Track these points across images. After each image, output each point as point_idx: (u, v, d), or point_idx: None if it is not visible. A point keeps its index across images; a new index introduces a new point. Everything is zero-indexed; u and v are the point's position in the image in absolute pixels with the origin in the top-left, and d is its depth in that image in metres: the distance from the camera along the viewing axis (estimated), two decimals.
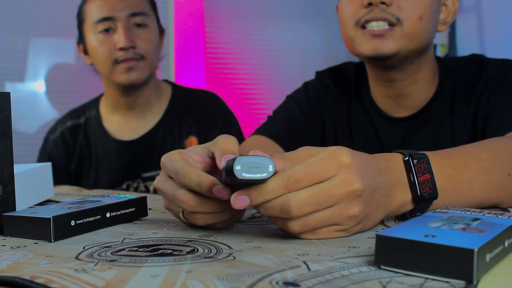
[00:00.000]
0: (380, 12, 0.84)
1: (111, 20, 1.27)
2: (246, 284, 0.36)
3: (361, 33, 0.87)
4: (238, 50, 2.76)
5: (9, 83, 2.36)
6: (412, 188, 0.55)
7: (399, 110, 0.96)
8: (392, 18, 0.84)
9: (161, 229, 0.56)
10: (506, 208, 0.63)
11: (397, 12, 0.84)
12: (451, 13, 0.92)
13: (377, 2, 0.84)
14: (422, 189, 0.55)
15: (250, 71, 2.79)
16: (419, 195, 0.54)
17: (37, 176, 0.74)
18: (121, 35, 1.25)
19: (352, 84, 1.03)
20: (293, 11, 2.85)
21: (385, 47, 0.85)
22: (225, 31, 2.67)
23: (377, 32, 0.85)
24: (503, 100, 0.85)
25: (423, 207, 0.56)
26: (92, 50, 1.31)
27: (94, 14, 1.28)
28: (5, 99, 0.56)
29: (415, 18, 0.85)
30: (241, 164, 0.44)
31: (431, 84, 0.94)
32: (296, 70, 2.82)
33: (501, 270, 0.39)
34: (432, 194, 0.55)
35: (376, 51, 0.86)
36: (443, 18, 0.92)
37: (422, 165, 0.56)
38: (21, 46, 2.38)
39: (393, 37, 0.85)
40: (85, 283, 0.37)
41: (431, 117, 0.93)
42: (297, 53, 2.87)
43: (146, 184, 1.34)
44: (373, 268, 0.39)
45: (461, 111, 0.91)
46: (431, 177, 0.56)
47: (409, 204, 0.55)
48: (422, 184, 0.55)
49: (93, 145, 1.39)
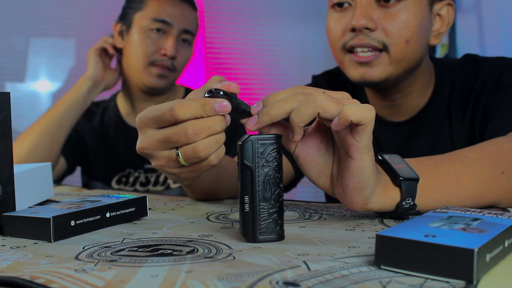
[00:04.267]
0: (365, 38, 0.82)
1: (167, 25, 1.31)
2: (246, 284, 0.36)
3: (349, 58, 0.86)
4: (238, 50, 2.76)
5: (9, 83, 2.36)
6: (391, 175, 0.56)
7: (396, 116, 0.96)
8: (377, 44, 0.83)
9: (161, 229, 0.56)
10: (506, 208, 0.63)
11: (382, 38, 0.82)
12: (445, 23, 0.90)
13: (360, 28, 0.82)
14: (401, 173, 0.55)
15: (250, 71, 2.79)
16: (400, 178, 0.55)
17: (37, 176, 0.74)
18: (171, 43, 1.31)
19: (349, 87, 1.03)
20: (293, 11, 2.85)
21: (372, 74, 0.84)
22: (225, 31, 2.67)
23: (363, 59, 0.83)
24: (501, 99, 0.84)
25: (409, 191, 0.55)
26: (135, 41, 1.32)
27: (155, 11, 1.31)
28: (5, 99, 0.56)
29: (402, 43, 0.83)
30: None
31: (426, 89, 0.93)
32: (296, 70, 2.82)
33: (501, 270, 0.39)
34: (411, 175, 0.56)
35: (364, 78, 0.85)
36: (437, 30, 0.89)
37: (395, 159, 0.57)
38: (21, 46, 2.38)
39: (380, 64, 0.83)
40: (85, 283, 0.37)
41: (429, 119, 0.93)
42: (297, 53, 2.87)
43: (148, 176, 1.36)
44: (373, 268, 0.39)
45: (459, 112, 0.91)
46: (407, 165, 0.57)
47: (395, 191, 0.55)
48: (399, 170, 0.56)
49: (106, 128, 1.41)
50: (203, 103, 0.52)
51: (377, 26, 0.82)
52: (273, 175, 0.48)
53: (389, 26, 0.82)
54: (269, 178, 0.48)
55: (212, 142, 0.53)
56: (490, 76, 0.87)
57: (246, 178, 0.48)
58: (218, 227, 0.57)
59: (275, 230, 0.48)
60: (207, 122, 0.52)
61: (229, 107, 0.52)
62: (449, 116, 0.91)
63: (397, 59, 0.84)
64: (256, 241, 0.48)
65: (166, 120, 0.53)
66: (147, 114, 0.55)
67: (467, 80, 0.91)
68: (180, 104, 0.52)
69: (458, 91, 0.91)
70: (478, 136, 0.87)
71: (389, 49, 0.83)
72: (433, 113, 0.93)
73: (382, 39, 0.83)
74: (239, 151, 0.49)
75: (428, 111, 0.93)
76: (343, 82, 1.04)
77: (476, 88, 0.88)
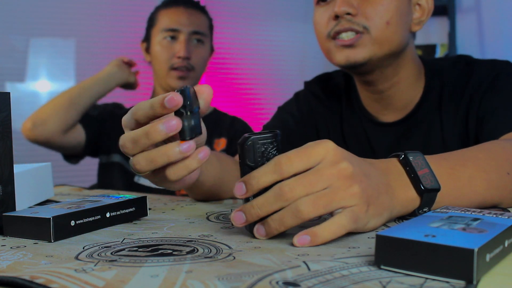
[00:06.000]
0: (347, 23, 0.86)
1: (176, 32, 1.52)
2: (246, 284, 0.36)
3: (334, 44, 0.89)
4: (238, 50, 2.76)
5: (9, 83, 2.36)
6: (414, 183, 0.55)
7: (388, 114, 0.96)
8: (358, 28, 0.86)
9: (161, 229, 0.56)
10: (506, 208, 0.63)
11: (363, 21, 0.86)
12: (425, 12, 0.92)
13: (342, 14, 0.86)
14: (424, 181, 0.55)
15: (250, 71, 2.79)
16: (423, 187, 0.54)
17: (37, 176, 0.74)
18: (182, 46, 1.51)
19: (342, 91, 1.04)
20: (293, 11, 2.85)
21: (356, 55, 0.87)
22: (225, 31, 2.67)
23: (346, 42, 0.87)
24: (496, 102, 0.85)
25: (428, 200, 0.56)
26: (154, 52, 1.55)
27: (165, 23, 1.54)
28: (5, 99, 0.56)
29: (382, 24, 0.86)
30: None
31: (416, 85, 0.94)
32: (296, 70, 2.82)
33: (501, 270, 0.39)
34: (434, 185, 0.55)
35: (349, 60, 0.88)
36: (417, 18, 0.92)
37: (419, 161, 0.56)
38: (21, 46, 2.38)
39: (362, 45, 0.87)
40: (85, 283, 0.37)
41: (420, 120, 0.94)
42: (297, 53, 2.87)
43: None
44: (373, 268, 0.39)
45: (450, 112, 0.91)
46: (430, 171, 0.56)
47: (414, 199, 0.55)
48: (423, 177, 0.55)
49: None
50: (152, 102, 0.52)
51: (357, 12, 0.86)
52: None
53: (369, 10, 0.86)
54: None
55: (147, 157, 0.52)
56: (484, 78, 0.88)
57: None
58: (218, 227, 0.57)
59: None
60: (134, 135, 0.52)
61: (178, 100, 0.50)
62: (440, 116, 0.92)
63: (379, 39, 0.86)
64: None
65: (132, 123, 0.55)
66: (125, 116, 0.56)
67: (458, 81, 0.92)
68: (137, 106, 0.54)
69: (448, 92, 0.92)
70: (472, 138, 0.88)
71: (370, 31, 0.86)
72: (424, 114, 0.93)
73: (363, 23, 0.86)
74: (240, 152, 0.49)
75: (418, 111, 0.94)
76: (335, 86, 1.06)
77: (469, 90, 0.89)
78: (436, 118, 0.92)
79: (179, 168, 0.53)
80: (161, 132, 0.51)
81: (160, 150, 0.52)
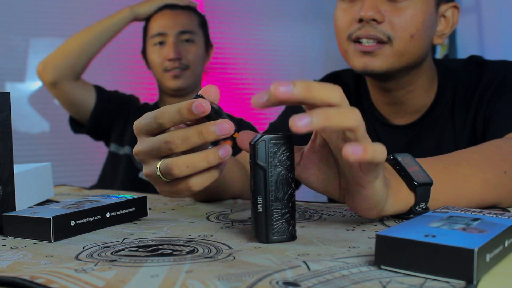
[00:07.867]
0: (371, 30, 0.84)
1: (164, 35, 1.56)
2: (246, 284, 0.36)
3: (353, 48, 0.87)
4: (238, 50, 2.76)
5: (9, 83, 2.36)
6: (405, 180, 0.55)
7: (400, 116, 0.96)
8: (382, 36, 0.84)
9: (161, 229, 0.56)
10: (506, 208, 0.63)
11: (388, 30, 0.84)
12: (450, 25, 0.91)
13: (368, 19, 0.83)
14: (415, 177, 0.55)
15: (250, 71, 2.78)
16: (415, 183, 0.55)
17: (37, 176, 0.74)
18: (170, 48, 1.54)
19: (351, 91, 1.03)
20: (293, 11, 2.85)
21: (374, 64, 0.85)
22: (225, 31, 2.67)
23: (367, 48, 0.85)
24: (503, 102, 0.85)
25: (423, 195, 0.56)
26: (150, 59, 1.61)
27: (153, 29, 1.59)
28: (5, 99, 0.56)
29: (406, 37, 0.84)
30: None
31: (429, 89, 0.93)
32: (296, 70, 2.82)
33: (501, 270, 0.39)
34: (426, 180, 0.56)
35: (366, 67, 0.86)
36: (441, 30, 0.91)
37: (408, 160, 0.57)
38: (21, 46, 2.38)
39: (382, 55, 0.85)
40: (85, 283, 0.37)
41: (432, 122, 0.93)
42: (297, 53, 2.86)
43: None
44: (373, 268, 0.39)
45: (461, 114, 0.91)
46: (420, 168, 0.57)
47: (408, 196, 0.55)
48: (413, 173, 0.56)
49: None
50: (179, 107, 0.50)
51: (384, 19, 0.84)
52: (285, 175, 0.48)
53: (395, 20, 0.84)
54: (282, 178, 0.48)
55: (188, 162, 0.51)
56: (493, 80, 0.88)
57: (259, 178, 0.47)
58: (218, 227, 0.57)
59: (288, 230, 0.48)
60: (186, 133, 0.50)
61: (206, 106, 0.49)
62: (453, 119, 0.92)
63: (400, 52, 0.85)
64: (269, 242, 0.48)
65: (154, 128, 0.52)
66: (140, 120, 0.54)
67: (470, 84, 0.91)
68: (162, 111, 0.51)
69: (461, 95, 0.91)
70: (480, 138, 0.88)
71: (393, 42, 0.84)
72: (437, 116, 0.93)
73: (387, 32, 0.84)
74: (252, 151, 0.48)
75: (431, 114, 0.93)
76: (344, 86, 1.04)
77: (479, 92, 0.89)
78: (449, 121, 0.92)
79: (205, 178, 0.52)
80: (213, 134, 0.50)
81: (200, 155, 0.51)
